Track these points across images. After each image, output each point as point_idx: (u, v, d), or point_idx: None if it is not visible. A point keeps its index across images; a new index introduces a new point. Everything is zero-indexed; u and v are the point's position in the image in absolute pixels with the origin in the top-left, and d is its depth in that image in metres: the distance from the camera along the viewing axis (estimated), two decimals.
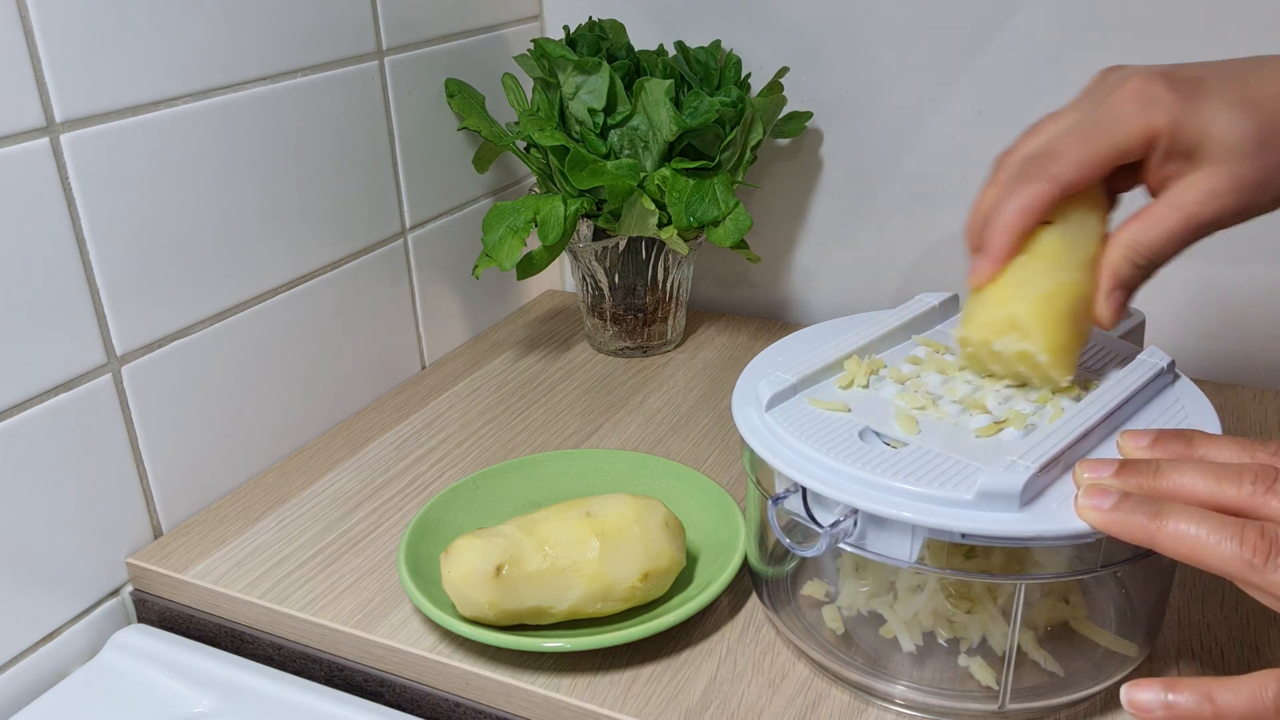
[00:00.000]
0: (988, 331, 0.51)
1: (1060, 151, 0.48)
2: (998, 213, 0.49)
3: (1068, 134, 0.49)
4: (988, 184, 0.52)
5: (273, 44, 0.70)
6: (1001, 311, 0.50)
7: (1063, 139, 0.49)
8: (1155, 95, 0.47)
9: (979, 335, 0.51)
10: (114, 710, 0.58)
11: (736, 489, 0.68)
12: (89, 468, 0.63)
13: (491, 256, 0.78)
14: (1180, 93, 0.47)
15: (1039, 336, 0.49)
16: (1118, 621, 0.55)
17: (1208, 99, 0.47)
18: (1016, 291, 0.50)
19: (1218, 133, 0.47)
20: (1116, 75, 0.50)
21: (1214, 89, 0.47)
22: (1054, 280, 0.49)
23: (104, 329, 0.62)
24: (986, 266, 0.50)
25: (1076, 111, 0.50)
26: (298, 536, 0.67)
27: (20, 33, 0.55)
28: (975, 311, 0.52)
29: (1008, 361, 0.51)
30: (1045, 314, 0.49)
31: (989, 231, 0.50)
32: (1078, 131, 0.49)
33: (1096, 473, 0.45)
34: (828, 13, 0.87)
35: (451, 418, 0.81)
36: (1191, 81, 0.48)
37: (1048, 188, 0.48)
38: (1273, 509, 0.41)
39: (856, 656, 0.53)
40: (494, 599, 0.54)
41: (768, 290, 0.99)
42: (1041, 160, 0.49)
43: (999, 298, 0.50)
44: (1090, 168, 0.48)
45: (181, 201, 0.65)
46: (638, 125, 0.79)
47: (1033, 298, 0.49)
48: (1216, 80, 0.48)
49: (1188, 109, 0.47)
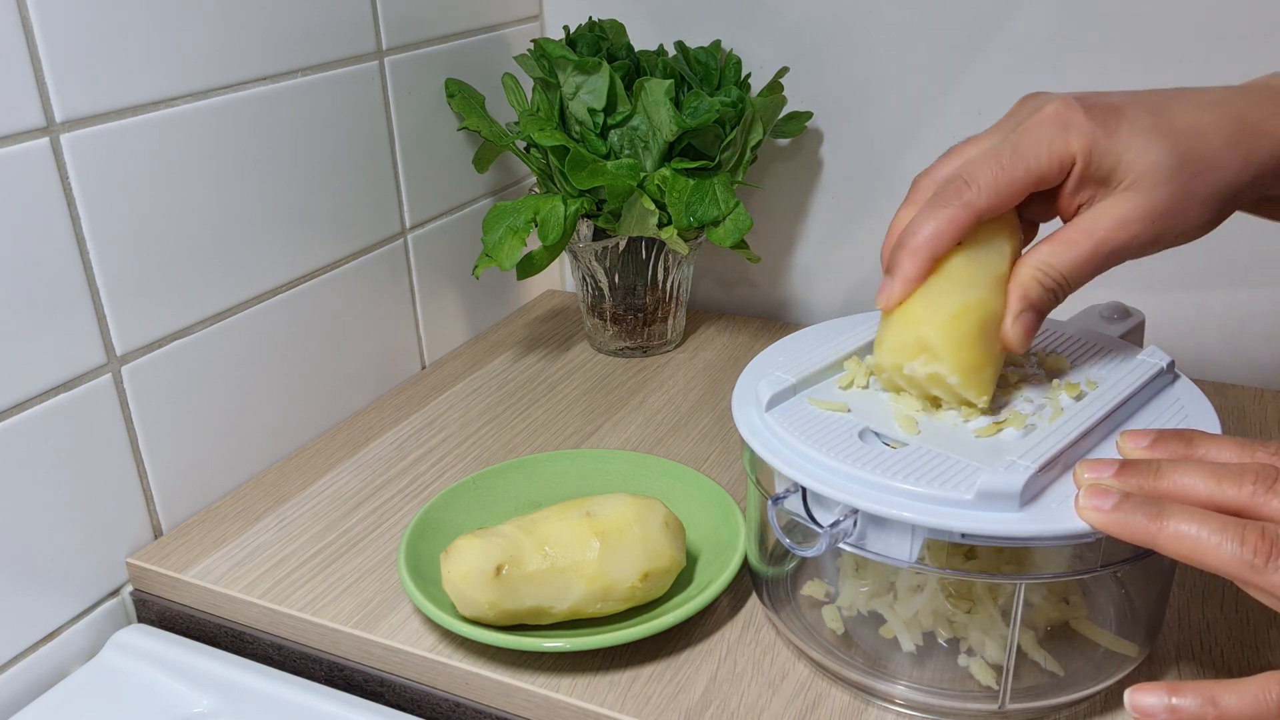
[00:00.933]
0: (898, 355, 0.50)
1: (975, 177, 0.48)
2: (909, 236, 0.49)
3: (983, 159, 0.48)
4: (903, 205, 0.52)
5: (273, 44, 0.70)
6: (910, 334, 0.50)
7: (978, 164, 0.48)
8: (1071, 120, 0.47)
9: (889, 359, 0.51)
10: (114, 710, 0.58)
11: (736, 489, 0.68)
12: (89, 468, 0.63)
13: (491, 256, 0.78)
14: (1097, 119, 0.47)
15: (948, 358, 0.49)
16: (1118, 621, 0.55)
17: (1124, 125, 0.47)
18: (924, 313, 0.50)
19: (1132, 159, 0.47)
20: (1035, 101, 0.50)
21: (1131, 116, 0.48)
22: (960, 299, 0.49)
23: (104, 329, 0.62)
24: (896, 290, 0.50)
25: (994, 135, 0.50)
26: (298, 536, 0.67)
27: (20, 33, 0.55)
28: (885, 336, 0.51)
29: (921, 385, 0.50)
30: (953, 334, 0.49)
31: (899, 255, 0.49)
32: (993, 157, 0.48)
33: (1097, 473, 0.45)
34: (828, 13, 0.87)
35: (451, 418, 0.81)
36: (1109, 108, 0.48)
37: (961, 214, 0.48)
38: (1273, 509, 0.41)
39: (856, 656, 0.53)
40: (494, 599, 0.54)
41: (768, 290, 0.99)
42: (956, 186, 0.48)
43: (907, 320, 0.50)
44: (1005, 194, 0.48)
45: (181, 201, 0.65)
46: (638, 125, 0.79)
47: (941, 319, 0.49)
48: (1135, 108, 0.48)
49: (1103, 134, 0.47)
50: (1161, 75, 0.78)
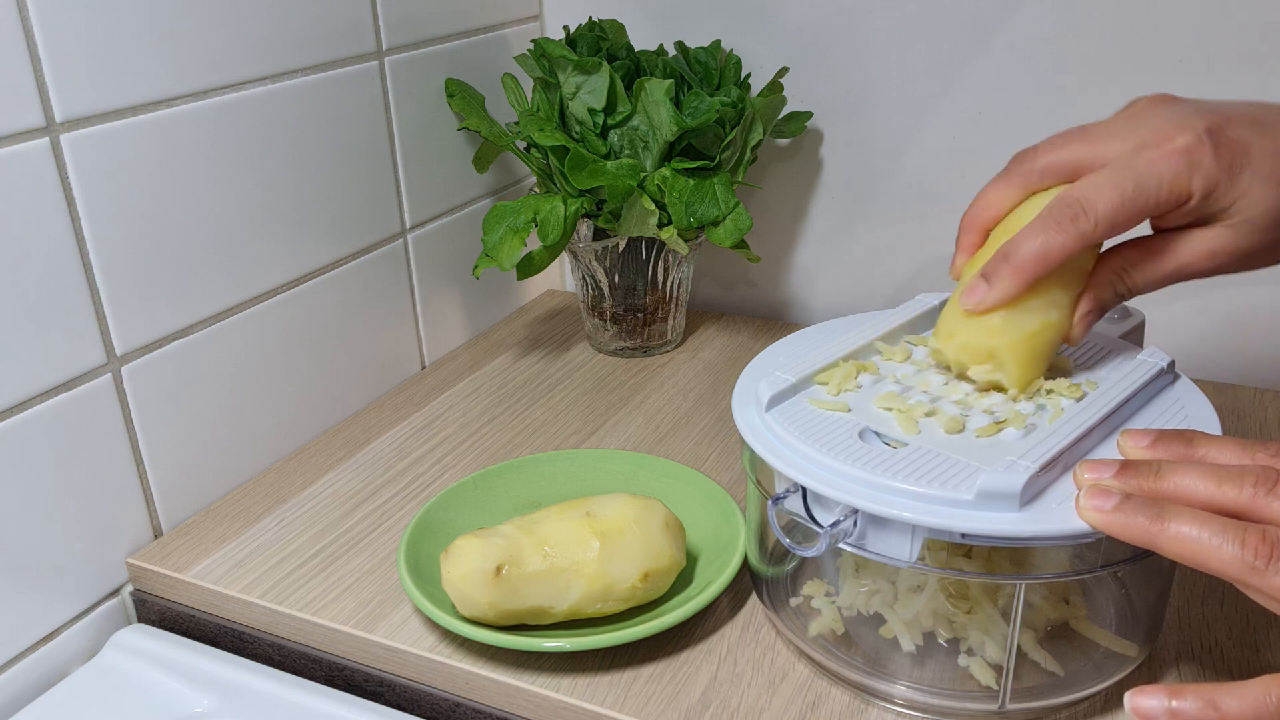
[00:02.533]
0: (964, 355, 0.52)
1: (1093, 205, 0.48)
2: (1015, 248, 0.49)
3: (1104, 185, 0.48)
4: (997, 180, 0.52)
5: (273, 44, 0.70)
6: (985, 343, 0.51)
7: (1098, 190, 0.48)
8: (1199, 161, 0.47)
9: (955, 357, 0.52)
10: (114, 710, 0.58)
11: (736, 489, 0.68)
12: (89, 468, 0.63)
13: (491, 256, 0.78)
14: (1223, 161, 0.47)
15: (1014, 373, 0.51)
16: (1118, 621, 0.55)
17: (1247, 172, 0.47)
18: (1003, 326, 0.50)
19: (1245, 205, 0.47)
20: (1165, 116, 0.49)
21: (1256, 160, 0.47)
22: (1041, 320, 0.50)
23: (104, 329, 0.62)
24: (989, 299, 0.50)
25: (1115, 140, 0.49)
26: (298, 536, 0.67)
27: (20, 33, 0.55)
28: (956, 330, 0.52)
29: (974, 377, 0.52)
30: (1026, 353, 0.50)
31: (1001, 266, 0.49)
32: (1114, 187, 0.48)
33: (1097, 473, 0.45)
34: (828, 13, 0.87)
35: (451, 418, 0.81)
36: (1238, 149, 0.47)
37: (1073, 243, 0.48)
38: (1273, 511, 0.41)
39: (856, 656, 0.53)
40: (494, 599, 0.54)
41: (768, 290, 0.99)
42: (1073, 211, 0.48)
43: (985, 328, 0.51)
44: (1120, 227, 0.48)
45: (181, 201, 0.65)
46: (638, 125, 0.79)
47: (1017, 338, 0.50)
48: (1260, 149, 0.47)
49: (1226, 179, 0.47)
50: (1161, 75, 0.78)
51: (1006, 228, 0.51)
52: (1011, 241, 0.49)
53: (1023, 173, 0.51)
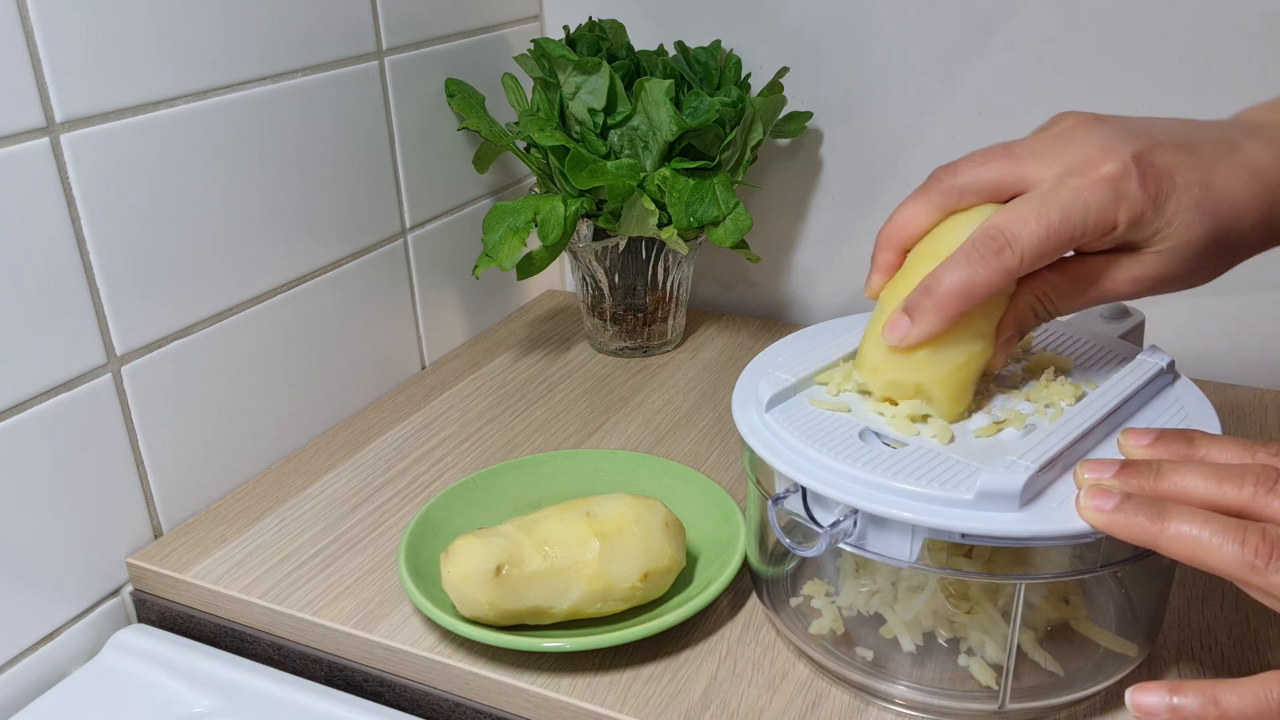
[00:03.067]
0: (891, 391, 0.51)
1: (1016, 238, 0.46)
2: (938, 283, 0.48)
3: (1026, 217, 0.47)
4: (914, 196, 0.51)
5: (273, 44, 0.70)
6: (911, 379, 0.50)
7: (1020, 222, 0.47)
8: (1125, 191, 0.46)
9: (882, 393, 0.51)
10: (114, 710, 0.58)
11: (736, 489, 0.68)
12: (89, 468, 0.63)
13: (491, 256, 0.78)
14: (1149, 190, 0.46)
15: (943, 406, 0.50)
16: (1118, 621, 0.55)
17: (1173, 200, 0.46)
18: (929, 361, 0.49)
19: (1170, 234, 0.47)
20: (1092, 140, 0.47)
21: (1181, 188, 0.47)
22: (966, 352, 0.50)
23: (104, 329, 0.62)
24: (913, 335, 0.49)
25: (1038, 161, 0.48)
26: (298, 536, 0.67)
27: (20, 33, 0.55)
28: (880, 365, 0.51)
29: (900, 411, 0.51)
30: (953, 386, 0.50)
31: (923, 301, 0.48)
32: (1037, 219, 0.46)
33: (1098, 473, 0.45)
34: (828, 13, 0.87)
35: (451, 418, 0.81)
36: (1164, 177, 0.46)
37: (996, 277, 0.47)
38: (1274, 510, 0.41)
39: (856, 656, 0.53)
40: (494, 599, 0.54)
41: (768, 290, 0.99)
42: (996, 245, 0.47)
43: (910, 364, 0.50)
44: (1043, 258, 0.47)
45: (182, 201, 0.65)
46: (638, 125, 0.79)
47: (944, 372, 0.50)
48: (1186, 177, 0.47)
49: (1151, 209, 0.46)
50: (1160, 75, 0.78)
51: (925, 248, 0.50)
52: (934, 275, 0.48)
53: (942, 190, 0.50)
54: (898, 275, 0.51)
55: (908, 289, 0.49)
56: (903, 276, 0.51)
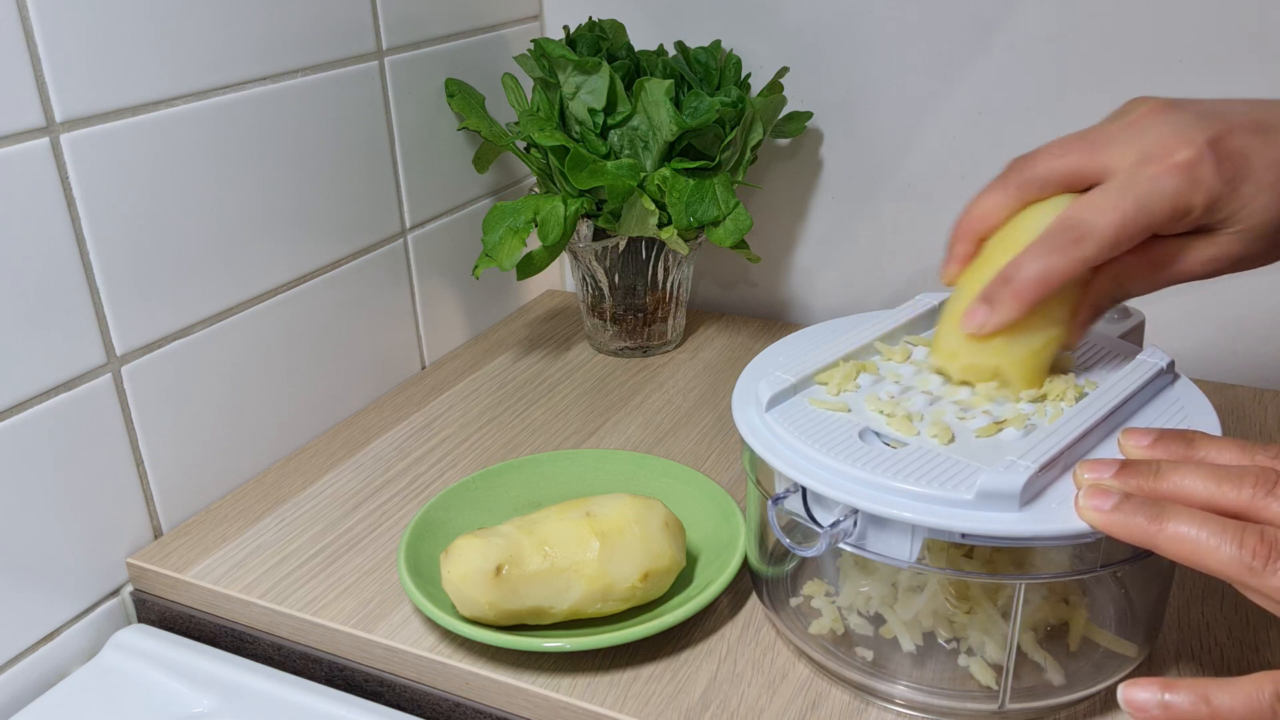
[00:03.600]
0: (969, 375, 0.52)
1: (1093, 228, 0.47)
2: (1016, 271, 0.48)
3: (1104, 206, 0.47)
4: (991, 187, 0.52)
5: (273, 44, 0.70)
6: (989, 363, 0.51)
7: (1098, 211, 0.47)
8: (1201, 176, 0.46)
9: (960, 377, 0.52)
10: (114, 710, 0.58)
11: (736, 489, 0.68)
12: (89, 468, 0.63)
13: (491, 256, 0.78)
14: (1225, 174, 0.46)
15: (1020, 388, 0.51)
16: (1118, 621, 0.55)
17: (1249, 183, 0.47)
18: (1006, 347, 0.50)
19: (1246, 215, 0.47)
20: (1165, 127, 0.48)
21: (1258, 170, 0.47)
22: (1043, 337, 0.51)
23: (104, 329, 0.62)
24: (991, 322, 0.49)
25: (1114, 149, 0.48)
26: (298, 536, 0.67)
27: (20, 33, 0.55)
28: (958, 350, 0.52)
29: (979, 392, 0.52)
30: (1030, 369, 0.51)
31: (1001, 290, 0.49)
32: (1115, 209, 0.47)
33: (1097, 473, 0.45)
34: (828, 13, 0.87)
35: (451, 418, 0.81)
36: (1239, 160, 0.47)
37: (1074, 265, 0.48)
38: (1273, 513, 0.41)
39: (856, 656, 0.53)
40: (494, 599, 0.54)
41: (768, 290, 0.99)
42: (1073, 235, 0.47)
43: (988, 349, 0.51)
44: (1121, 247, 0.48)
45: (182, 201, 0.65)
46: (638, 125, 0.79)
47: (1021, 357, 0.51)
48: (1261, 159, 0.47)
49: (1227, 192, 0.47)
50: (1160, 75, 0.78)
51: (1004, 239, 0.51)
52: (1013, 264, 0.49)
53: (1021, 182, 0.51)
54: (976, 263, 0.52)
55: (986, 277, 0.50)
56: (981, 265, 0.52)
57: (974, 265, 0.52)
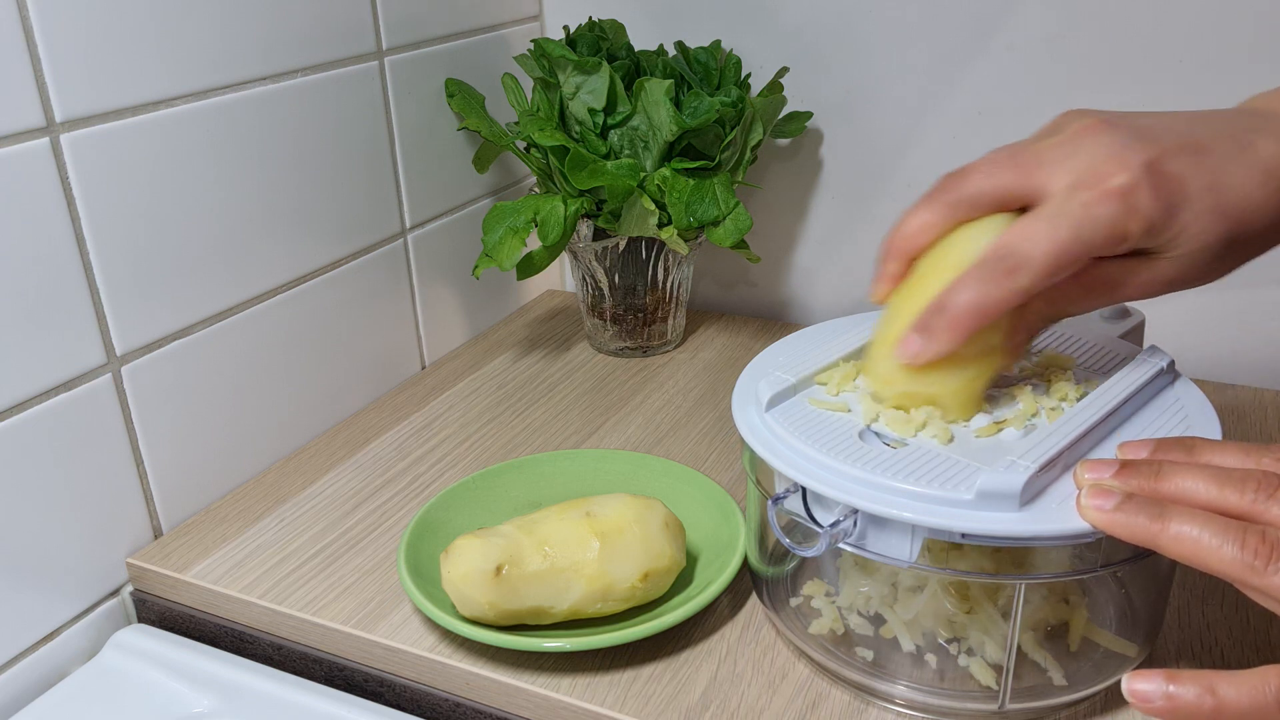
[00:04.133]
0: (905, 402, 0.51)
1: (1028, 257, 0.46)
2: (951, 302, 0.47)
3: (1039, 236, 0.46)
4: (922, 203, 0.50)
5: (273, 44, 0.70)
6: (924, 392, 0.50)
7: (1033, 242, 0.46)
8: (1137, 204, 0.45)
9: (895, 403, 0.51)
10: (114, 710, 0.58)
11: (736, 489, 0.68)
12: (89, 468, 0.63)
13: (491, 256, 0.78)
14: (1161, 200, 0.45)
15: (956, 413, 0.51)
16: (1118, 621, 0.55)
17: (1186, 209, 0.46)
18: (942, 376, 0.50)
19: (1184, 241, 0.46)
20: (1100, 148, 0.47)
21: (1193, 195, 0.46)
22: (978, 366, 0.50)
23: (104, 329, 0.62)
24: (926, 354, 0.48)
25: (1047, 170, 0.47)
26: (298, 536, 0.67)
27: (20, 33, 0.55)
28: (892, 377, 0.51)
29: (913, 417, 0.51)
30: (966, 397, 0.50)
31: (936, 319, 0.48)
32: (1049, 237, 0.46)
33: (1098, 473, 0.45)
34: (828, 13, 0.87)
35: (451, 418, 0.81)
36: (1175, 185, 0.46)
37: (1009, 296, 0.46)
38: (1274, 516, 0.41)
39: (856, 656, 0.53)
40: (494, 599, 0.54)
41: (768, 290, 0.99)
42: (1008, 264, 0.46)
43: (922, 378, 0.50)
44: (1056, 276, 0.47)
45: (182, 201, 0.65)
46: (638, 125, 0.79)
47: (957, 386, 0.50)
48: (1198, 184, 0.46)
49: (1163, 218, 0.46)
50: (1160, 75, 0.78)
51: (935, 260, 0.50)
52: (946, 294, 0.48)
53: (952, 201, 0.49)
54: (907, 283, 0.51)
55: (917, 297, 0.49)
56: (913, 285, 0.50)
57: (905, 285, 0.51)
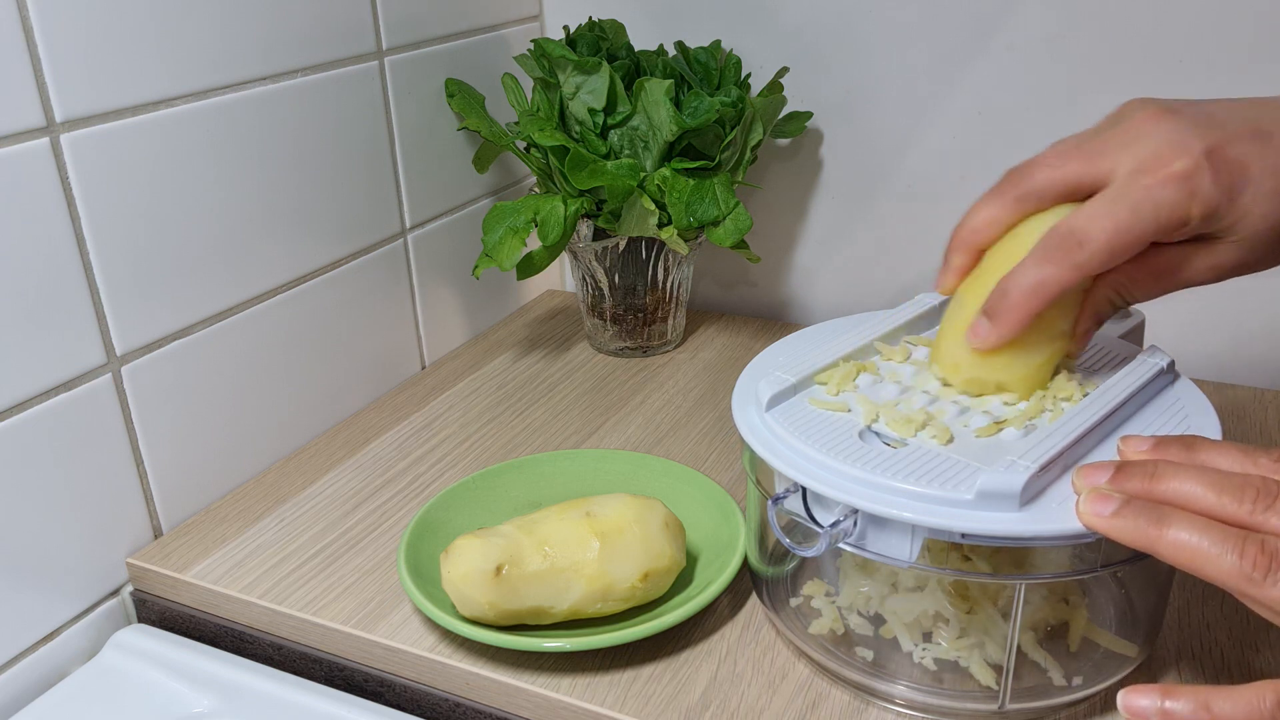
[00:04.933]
0: (973, 388, 0.52)
1: (1089, 237, 0.47)
2: (1014, 284, 0.48)
3: (1099, 215, 0.47)
4: (988, 197, 0.51)
5: (273, 44, 0.70)
6: (993, 378, 0.51)
7: (1093, 220, 0.47)
8: (1198, 187, 0.46)
9: (963, 389, 0.52)
10: (114, 710, 0.58)
11: (736, 489, 0.68)
12: (89, 468, 0.63)
13: (491, 256, 0.78)
14: (1222, 183, 0.46)
15: (1025, 394, 0.51)
16: (1118, 621, 0.55)
17: (1248, 191, 0.46)
18: (1010, 361, 0.51)
19: (1247, 223, 0.47)
20: (1162, 135, 0.47)
21: (1255, 178, 0.46)
22: (1047, 350, 0.51)
23: (104, 329, 0.62)
24: (993, 337, 0.49)
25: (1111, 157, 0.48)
26: (298, 536, 0.67)
27: (20, 33, 0.55)
28: (961, 363, 0.52)
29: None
30: (1033, 382, 0.51)
31: (1000, 303, 0.49)
32: (1109, 216, 0.46)
33: (1094, 478, 0.45)
34: (828, 13, 0.87)
35: (451, 418, 0.81)
36: (1236, 169, 0.46)
37: (1071, 275, 0.47)
38: (1272, 526, 0.40)
39: (856, 656, 0.53)
40: (494, 599, 0.54)
41: (768, 290, 0.99)
42: (1068, 244, 0.47)
43: (992, 364, 0.51)
44: (1118, 257, 0.47)
45: (182, 201, 0.65)
46: (638, 125, 0.79)
47: (1025, 370, 0.51)
48: (1260, 167, 0.46)
49: (1225, 201, 0.46)
50: (1160, 75, 0.78)
51: (1003, 251, 0.50)
52: (1010, 277, 0.49)
53: (1019, 195, 0.50)
54: (976, 274, 0.52)
55: (987, 286, 0.50)
56: (982, 276, 0.51)
57: (974, 276, 0.52)
